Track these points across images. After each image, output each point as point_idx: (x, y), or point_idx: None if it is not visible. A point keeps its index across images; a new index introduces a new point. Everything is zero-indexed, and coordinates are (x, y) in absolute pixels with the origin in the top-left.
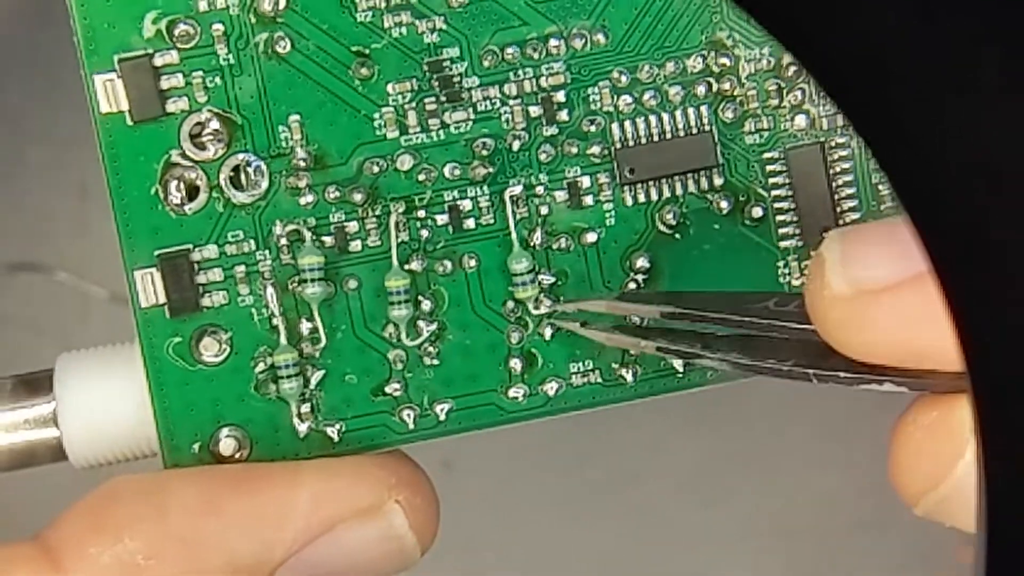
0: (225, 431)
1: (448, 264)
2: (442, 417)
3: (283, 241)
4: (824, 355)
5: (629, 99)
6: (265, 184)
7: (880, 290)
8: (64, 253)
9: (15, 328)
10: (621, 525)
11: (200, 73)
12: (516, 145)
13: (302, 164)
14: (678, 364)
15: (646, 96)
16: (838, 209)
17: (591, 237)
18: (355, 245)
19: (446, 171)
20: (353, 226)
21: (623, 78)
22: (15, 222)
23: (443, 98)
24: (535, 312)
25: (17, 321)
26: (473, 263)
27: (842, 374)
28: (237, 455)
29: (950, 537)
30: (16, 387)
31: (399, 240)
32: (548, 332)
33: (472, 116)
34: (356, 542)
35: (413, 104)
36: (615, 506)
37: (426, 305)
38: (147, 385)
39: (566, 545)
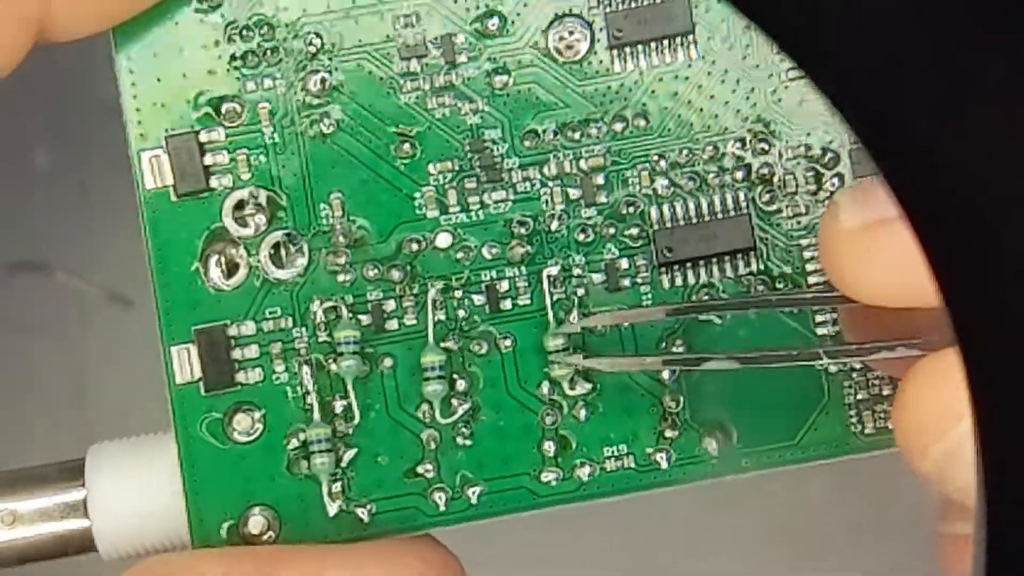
0: (255, 510)
1: (484, 344)
2: (474, 500)
3: (320, 318)
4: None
5: (667, 182)
6: (304, 261)
7: (888, 220)
8: (63, 254)
9: (14, 328)
10: (619, 526)
11: (245, 150)
12: (554, 226)
13: (342, 241)
14: (712, 450)
15: (684, 179)
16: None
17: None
18: (392, 324)
19: (484, 251)
20: (390, 304)
21: (662, 162)
22: (15, 222)
23: (483, 178)
24: (570, 393)
25: (16, 321)
26: (508, 344)
27: (853, 346)
28: (266, 536)
29: None
30: (47, 476)
31: (436, 319)
32: (583, 414)
33: (511, 196)
34: None
35: (454, 184)
36: (614, 508)
37: (461, 385)
38: (179, 464)
39: (565, 546)
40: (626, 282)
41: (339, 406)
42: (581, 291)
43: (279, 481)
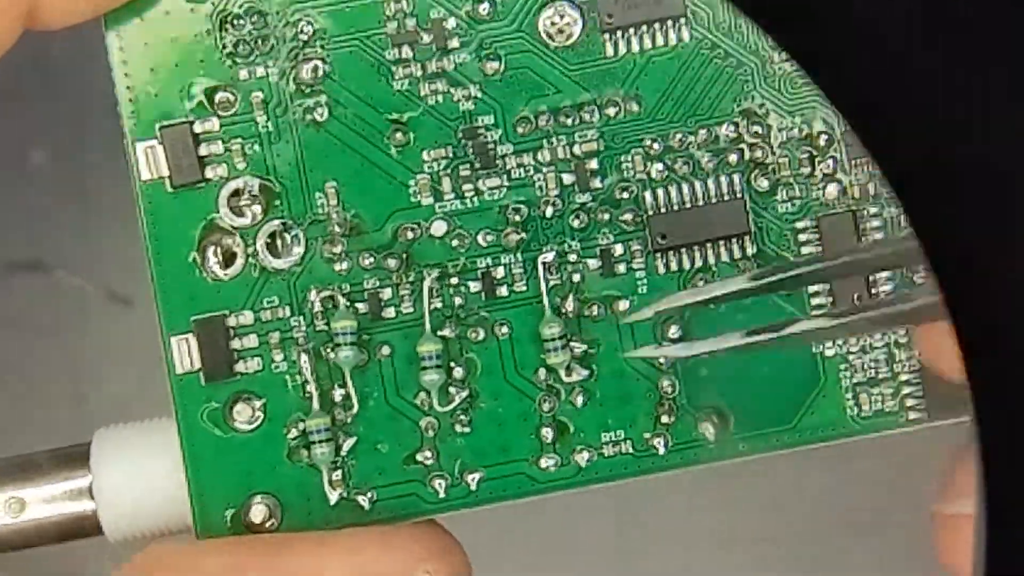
0: (257, 499)
1: (481, 332)
2: (473, 487)
3: (317, 307)
4: None
5: (661, 167)
6: (301, 250)
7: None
8: (62, 253)
9: (13, 328)
10: (617, 527)
11: (239, 140)
12: (549, 212)
13: (338, 230)
14: (709, 434)
15: (678, 164)
16: (871, 278)
17: (623, 305)
18: (389, 312)
19: (480, 238)
20: (387, 293)
21: (656, 146)
22: (14, 222)
23: (477, 165)
24: (567, 380)
25: (15, 321)
26: (505, 331)
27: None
28: (268, 523)
29: None
30: (53, 461)
31: (432, 307)
32: (580, 400)
33: (506, 183)
34: None
35: (448, 171)
36: (611, 509)
37: (458, 372)
38: (181, 453)
39: (562, 545)
40: (621, 267)
41: (338, 395)
42: (577, 277)
43: (280, 470)
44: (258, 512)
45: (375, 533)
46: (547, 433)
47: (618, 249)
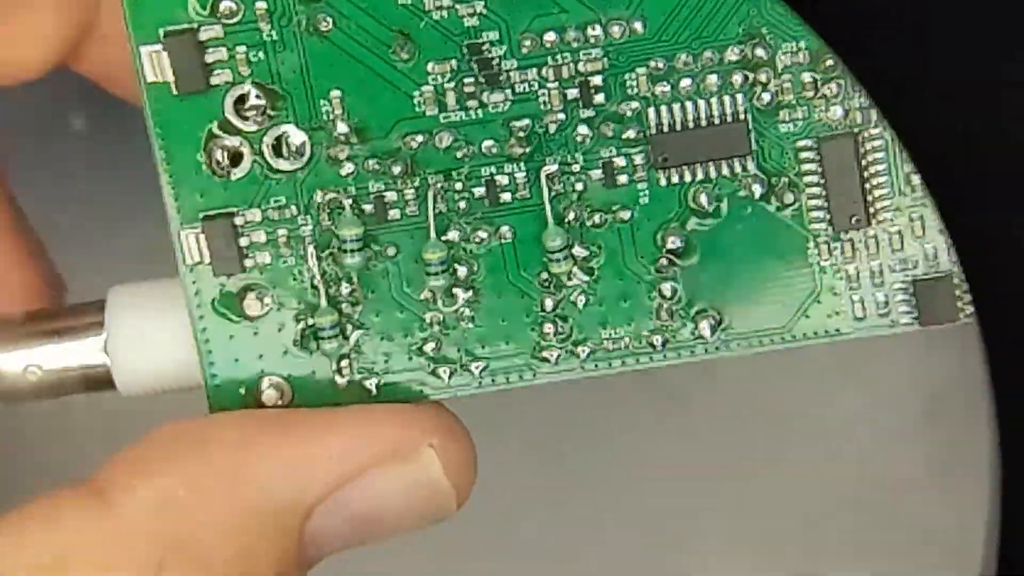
0: (267, 381)
1: (484, 234)
2: (477, 374)
3: (324, 208)
4: None
5: (666, 86)
6: (307, 154)
7: None
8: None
9: None
10: (612, 529)
11: (244, 48)
12: (553, 127)
13: (342, 137)
14: (706, 334)
15: (683, 83)
16: (869, 197)
17: (625, 214)
18: (394, 214)
19: (483, 148)
20: (392, 196)
21: (660, 65)
22: None
23: (482, 79)
24: (568, 284)
25: None
26: (509, 234)
27: None
28: (278, 404)
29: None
30: (67, 316)
31: (437, 211)
32: (581, 300)
33: (511, 97)
34: (390, 485)
35: (452, 84)
36: (607, 510)
37: (462, 272)
38: (193, 339)
39: (555, 547)
40: (623, 179)
41: (345, 290)
42: (579, 186)
43: (289, 356)
44: (269, 396)
45: (384, 408)
46: (548, 328)
47: (620, 161)
